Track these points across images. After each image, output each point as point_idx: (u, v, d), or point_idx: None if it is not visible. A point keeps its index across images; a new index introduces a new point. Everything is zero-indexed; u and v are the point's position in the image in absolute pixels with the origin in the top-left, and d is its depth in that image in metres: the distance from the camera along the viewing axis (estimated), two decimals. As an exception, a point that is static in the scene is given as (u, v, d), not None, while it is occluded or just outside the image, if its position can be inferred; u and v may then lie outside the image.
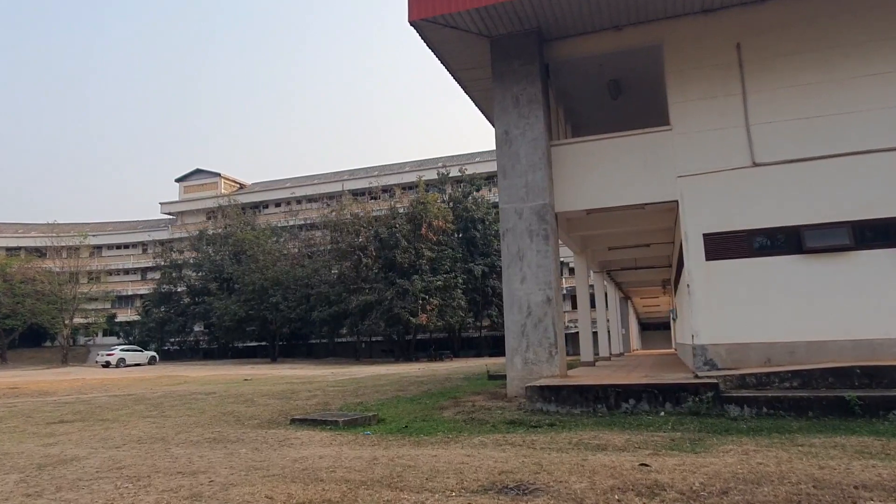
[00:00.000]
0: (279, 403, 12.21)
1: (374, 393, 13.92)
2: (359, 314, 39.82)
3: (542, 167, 11.51)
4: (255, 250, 48.09)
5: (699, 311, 10.71)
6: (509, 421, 8.71)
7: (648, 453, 6.21)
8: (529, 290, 11.23)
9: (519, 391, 10.98)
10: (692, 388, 8.78)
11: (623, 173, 11.44)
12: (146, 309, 56.46)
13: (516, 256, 11.41)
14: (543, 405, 9.41)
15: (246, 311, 45.31)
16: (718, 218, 10.82)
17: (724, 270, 10.69)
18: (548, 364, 10.96)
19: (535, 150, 11.59)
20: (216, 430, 8.81)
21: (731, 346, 10.47)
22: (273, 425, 9.18)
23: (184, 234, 59.46)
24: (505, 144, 11.81)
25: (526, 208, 11.48)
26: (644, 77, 13.83)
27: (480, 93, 14.38)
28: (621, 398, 9.03)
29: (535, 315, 11.12)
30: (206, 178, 69.12)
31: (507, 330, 11.36)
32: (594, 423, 8.31)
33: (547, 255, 11.26)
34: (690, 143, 11.13)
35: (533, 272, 11.26)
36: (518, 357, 11.14)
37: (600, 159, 11.67)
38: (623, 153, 11.52)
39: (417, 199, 40.34)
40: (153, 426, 9.44)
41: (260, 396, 13.90)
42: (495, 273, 45.67)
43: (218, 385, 19.13)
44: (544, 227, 11.34)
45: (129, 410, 11.75)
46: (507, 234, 11.55)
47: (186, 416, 10.48)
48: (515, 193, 11.59)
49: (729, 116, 10.97)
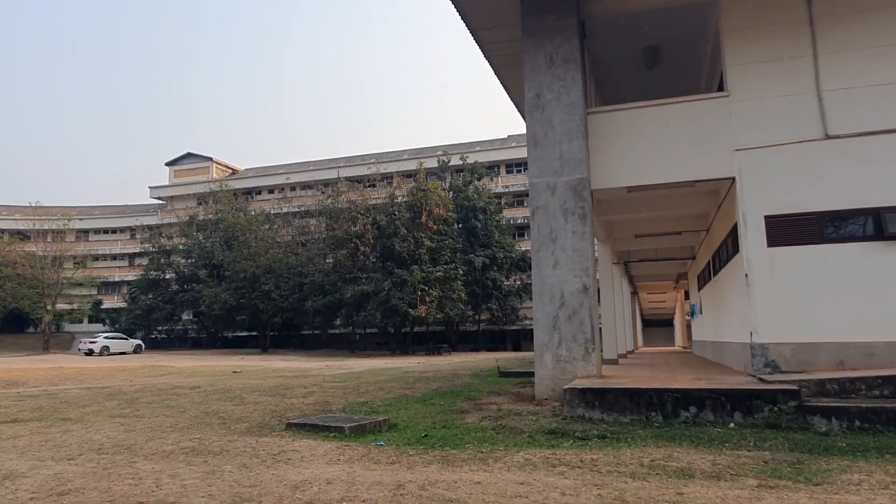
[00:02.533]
0: (272, 401, 10.72)
1: (377, 390, 12.45)
2: (354, 305, 38.24)
3: (580, 136, 10.03)
4: (247, 236, 46.29)
5: (759, 306, 9.29)
6: (549, 430, 7.27)
7: (754, 484, 4.79)
8: (563, 277, 9.77)
9: (549, 392, 9.56)
10: (768, 395, 7.37)
11: (671, 146, 9.98)
12: (133, 296, 54.62)
13: (548, 238, 9.95)
14: (585, 411, 7.98)
15: (236, 299, 43.57)
16: (783, 198, 9.40)
17: (790, 258, 9.28)
18: (583, 362, 9.53)
19: (571, 116, 10.10)
20: (196, 436, 7.31)
21: (796, 345, 9.06)
22: (265, 430, 7.69)
23: (173, 220, 57.52)
24: (536, 110, 10.32)
25: (560, 183, 10.00)
26: (686, 43, 12.38)
27: (502, 58, 12.86)
28: (680, 405, 7.61)
29: (570, 305, 9.67)
30: (197, 162, 67.11)
31: (536, 322, 9.91)
32: (653, 435, 6.89)
33: (584, 237, 9.81)
34: (751, 112, 9.68)
35: (567, 256, 9.80)
36: (548, 354, 9.70)
37: (645, 130, 10.21)
38: (672, 123, 10.06)
39: (417, 186, 38.70)
40: (121, 429, 7.92)
41: (250, 392, 12.40)
42: (496, 265, 44.27)
43: (204, 378, 17.59)
44: (581, 205, 9.87)
45: (98, 407, 10.21)
46: (538, 213, 10.08)
47: (163, 417, 8.97)
48: (548, 166, 10.11)
49: (797, 81, 9.53)
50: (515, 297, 46.26)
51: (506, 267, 45.52)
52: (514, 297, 46.20)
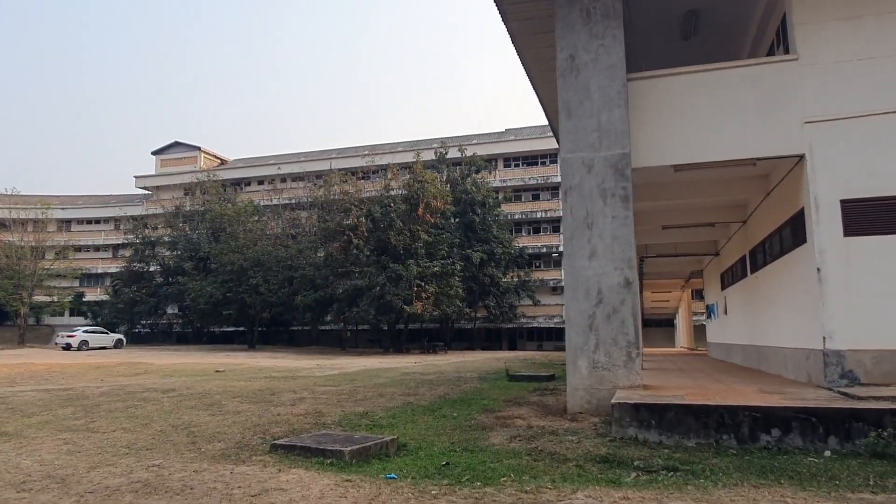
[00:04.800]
0: (255, 410, 9.17)
1: (377, 397, 10.94)
2: (347, 300, 36.59)
3: (621, 104, 8.55)
4: (235, 228, 44.38)
5: (834, 306, 7.87)
6: (599, 458, 5.81)
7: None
8: (601, 270, 8.30)
9: (584, 405, 8.10)
10: (872, 416, 5.95)
11: (729, 118, 8.53)
12: (115, 288, 52.53)
13: (583, 224, 8.46)
14: (638, 432, 6.52)
15: (223, 293, 41.70)
16: (863, 179, 7.99)
17: (870, 250, 7.87)
18: (624, 370, 8.07)
19: (611, 81, 8.62)
20: (155, 461, 5.76)
21: (879, 353, 7.66)
22: (244, 454, 6.15)
23: (159, 211, 55.40)
24: (570, 73, 8.82)
25: (598, 159, 8.52)
26: (732, 3, 10.95)
27: (522, 22, 11.29)
28: (759, 427, 6.18)
29: (609, 303, 8.20)
30: (184, 151, 65.00)
31: (568, 322, 8.43)
32: (735, 467, 5.44)
33: (625, 223, 8.35)
34: (824, 79, 8.25)
35: (606, 245, 8.33)
36: (583, 359, 8.22)
37: (696, 100, 8.75)
38: (729, 91, 8.61)
39: (415, 177, 37.06)
40: (64, 449, 6.36)
41: (231, 398, 10.84)
42: (494, 261, 42.79)
43: (182, 377, 15.99)
44: (622, 185, 8.40)
45: (48, 416, 8.62)
46: (572, 194, 8.59)
47: (121, 432, 7.40)
48: (583, 139, 8.62)
49: (881, 43, 8.10)
50: (513, 295, 44.83)
51: (503, 263, 44.08)
52: (512, 295, 44.77)
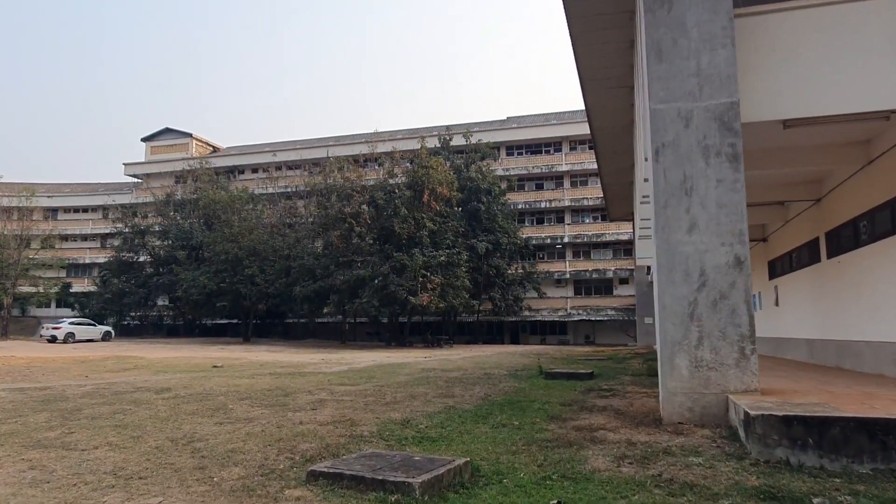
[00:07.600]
0: (271, 417, 7.53)
1: (409, 399, 9.33)
2: (347, 291, 34.86)
3: (727, 43, 6.95)
4: (229, 215, 42.44)
5: None
6: (758, 493, 4.24)
7: None
8: (704, 245, 6.72)
9: (685, 413, 6.53)
10: None
11: (854, 62, 6.94)
12: (104, 279, 50.51)
13: (680, 189, 6.87)
14: (791, 453, 4.96)
15: (216, 283, 39.83)
16: None
17: None
18: (736, 370, 6.50)
19: (714, 14, 7.01)
20: (151, 500, 4.12)
21: None
22: (272, 485, 4.51)
23: (149, 199, 53.31)
24: (659, 7, 7.20)
25: (698, 110, 6.92)
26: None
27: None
28: (960, 449, 4.63)
29: (715, 286, 6.63)
30: (176, 138, 62.76)
31: (662, 310, 6.84)
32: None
33: (734, 188, 6.76)
34: (981, 11, 6.67)
35: (710, 216, 6.75)
36: (682, 356, 6.64)
37: (813, 41, 7.15)
38: (855, 30, 7.01)
39: (420, 163, 35.34)
40: (28, 478, 4.70)
41: (237, 400, 9.20)
42: (499, 251, 41.24)
43: (178, 374, 14.31)
44: (730, 142, 6.81)
45: (14, 426, 6.94)
46: (664, 154, 6.99)
47: (105, 449, 5.74)
48: (679, 86, 7.01)
49: None
50: (519, 287, 43.32)
51: (508, 254, 42.55)
52: (518, 286, 43.25)
